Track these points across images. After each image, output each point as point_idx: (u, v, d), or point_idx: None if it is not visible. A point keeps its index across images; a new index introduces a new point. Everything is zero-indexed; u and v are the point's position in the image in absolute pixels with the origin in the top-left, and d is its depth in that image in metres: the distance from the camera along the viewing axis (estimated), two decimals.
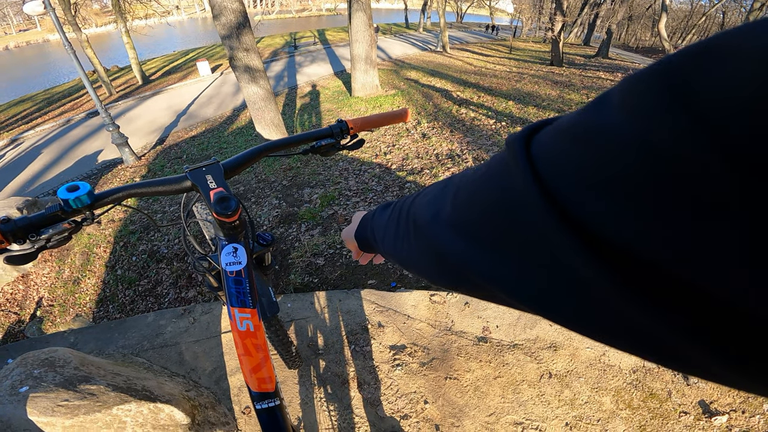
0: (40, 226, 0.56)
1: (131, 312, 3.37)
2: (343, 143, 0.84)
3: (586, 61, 13.54)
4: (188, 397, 1.32)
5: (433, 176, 4.03)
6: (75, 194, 0.57)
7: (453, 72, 11.09)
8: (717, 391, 1.43)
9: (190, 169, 0.67)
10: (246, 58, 4.57)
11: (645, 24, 30.36)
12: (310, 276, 2.75)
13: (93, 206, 0.60)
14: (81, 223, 0.60)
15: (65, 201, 0.56)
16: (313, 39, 20.86)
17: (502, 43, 20.92)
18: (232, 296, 0.60)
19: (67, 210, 0.57)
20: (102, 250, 4.29)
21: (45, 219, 0.57)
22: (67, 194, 0.56)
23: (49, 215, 0.57)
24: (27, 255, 0.57)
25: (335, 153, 0.85)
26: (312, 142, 0.82)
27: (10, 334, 3.73)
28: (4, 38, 57.99)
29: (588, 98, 6.80)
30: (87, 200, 0.58)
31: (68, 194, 0.56)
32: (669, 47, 8.81)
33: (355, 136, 0.86)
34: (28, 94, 16.85)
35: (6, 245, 0.54)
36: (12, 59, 40.09)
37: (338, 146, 0.83)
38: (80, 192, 0.57)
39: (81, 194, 0.57)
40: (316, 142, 0.81)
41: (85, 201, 0.57)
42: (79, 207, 0.57)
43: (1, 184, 7.29)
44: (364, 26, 7.87)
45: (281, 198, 4.07)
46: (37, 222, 0.56)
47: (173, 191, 0.67)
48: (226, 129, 7.93)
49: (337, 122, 0.83)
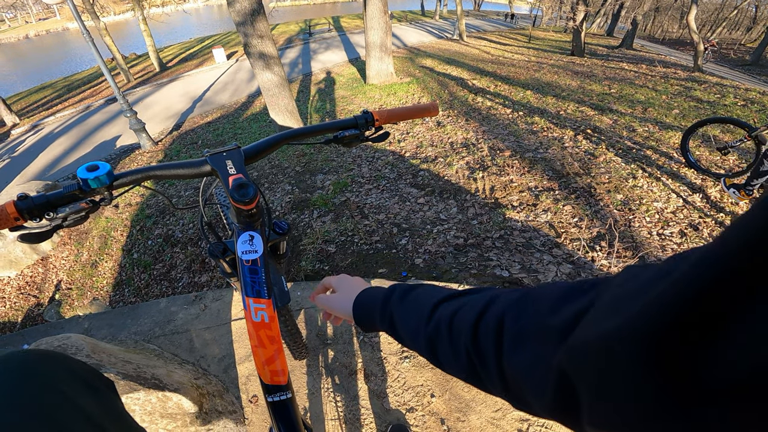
0: (57, 204, 0.56)
1: (146, 296, 3.42)
2: (367, 135, 0.81)
3: (609, 51, 13.08)
4: (197, 385, 1.33)
5: (447, 164, 3.96)
6: (94, 174, 0.56)
7: (469, 60, 10.87)
8: None
9: (210, 154, 0.65)
10: (260, 44, 4.55)
11: (673, 16, 29.23)
12: (320, 263, 2.74)
13: (111, 186, 0.59)
14: (99, 203, 0.60)
15: (84, 180, 0.56)
16: (327, 26, 20.68)
17: (521, 32, 20.39)
18: (247, 285, 0.59)
19: (86, 189, 0.57)
20: (119, 233, 4.37)
21: (62, 198, 0.56)
22: (86, 173, 0.56)
23: (67, 194, 0.57)
24: (42, 233, 0.56)
25: (358, 144, 0.82)
26: (335, 132, 0.79)
27: (29, 317, 3.84)
28: (25, 27, 59.19)
29: (610, 89, 6.58)
30: (106, 180, 0.57)
31: (87, 174, 0.56)
32: (698, 39, 8.44)
33: (380, 128, 0.83)
34: (48, 82, 17.20)
35: (22, 222, 0.54)
36: (32, 48, 40.94)
37: (362, 138, 0.81)
38: (99, 172, 0.57)
39: (100, 174, 0.56)
40: (340, 132, 0.79)
41: (104, 181, 0.57)
42: (97, 187, 0.57)
43: (21, 169, 7.48)
44: (380, 13, 7.75)
45: (294, 184, 4.06)
46: (55, 200, 0.56)
47: (192, 175, 0.66)
48: (241, 115, 7.96)
49: (363, 113, 0.80)
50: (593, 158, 3.79)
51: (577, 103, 5.77)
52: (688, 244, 2.51)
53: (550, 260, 2.44)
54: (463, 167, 3.87)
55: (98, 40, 9.79)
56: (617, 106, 5.48)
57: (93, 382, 0.50)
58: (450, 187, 3.53)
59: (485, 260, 2.50)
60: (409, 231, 2.94)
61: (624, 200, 3.04)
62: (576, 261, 2.43)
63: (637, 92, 6.20)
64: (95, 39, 6.22)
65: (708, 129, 4.00)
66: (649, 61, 10.25)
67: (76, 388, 0.46)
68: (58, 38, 46.47)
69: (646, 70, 8.37)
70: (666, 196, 3.05)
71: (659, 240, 2.59)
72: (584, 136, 4.40)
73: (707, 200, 2.94)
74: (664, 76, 7.50)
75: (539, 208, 3.04)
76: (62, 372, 0.47)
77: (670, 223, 2.74)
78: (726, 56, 18.00)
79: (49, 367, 0.46)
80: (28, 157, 7.97)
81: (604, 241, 2.57)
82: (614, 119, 4.88)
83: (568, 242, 2.62)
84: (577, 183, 3.33)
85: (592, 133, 4.47)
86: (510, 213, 3.00)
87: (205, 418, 1.26)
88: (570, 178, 3.42)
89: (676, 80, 7.07)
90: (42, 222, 0.56)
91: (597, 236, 2.65)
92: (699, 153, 3.63)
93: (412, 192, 3.52)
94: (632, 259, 2.38)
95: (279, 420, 0.57)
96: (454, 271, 2.43)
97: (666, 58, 12.10)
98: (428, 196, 3.42)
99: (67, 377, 0.47)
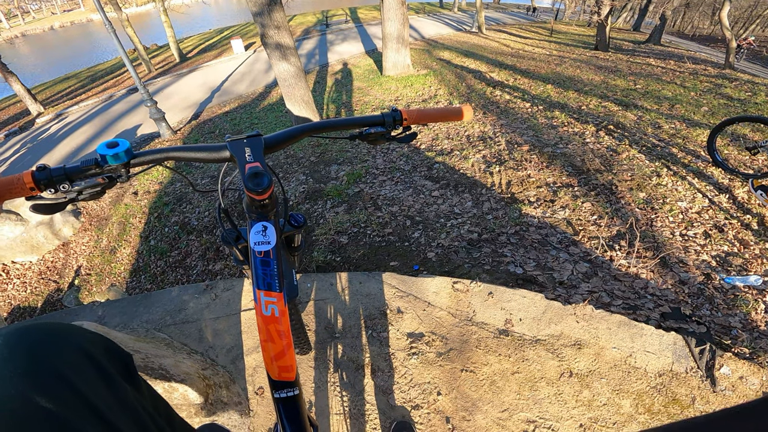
0: (74, 178, 0.57)
1: (162, 283, 3.48)
2: (393, 134, 0.78)
3: (635, 47, 12.64)
4: (203, 376, 1.32)
5: (462, 158, 3.89)
6: (113, 150, 0.57)
7: (488, 53, 10.66)
8: (743, 400, 1.32)
9: (230, 140, 0.64)
10: (277, 35, 4.54)
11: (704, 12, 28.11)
12: (332, 254, 2.73)
13: (129, 164, 0.60)
14: (115, 180, 0.60)
15: (102, 156, 0.57)
16: (344, 17, 20.57)
17: (542, 26, 19.90)
18: (259, 278, 0.57)
19: (103, 165, 0.58)
20: (138, 220, 4.45)
21: (79, 171, 0.57)
22: (105, 150, 0.57)
23: (84, 168, 0.57)
24: (55, 205, 0.57)
25: (383, 143, 0.79)
26: (361, 128, 0.77)
27: (49, 302, 3.96)
28: (50, 18, 60.71)
29: (636, 85, 6.36)
30: (124, 158, 0.58)
31: (107, 150, 0.57)
32: (730, 36, 8.08)
33: (408, 128, 0.79)
34: (72, 72, 17.62)
35: (37, 192, 0.55)
36: (58, 39, 42.00)
37: (388, 136, 0.77)
38: (119, 149, 0.58)
39: (119, 151, 0.57)
40: (365, 128, 0.76)
41: (122, 158, 0.58)
42: (115, 164, 0.58)
43: (43, 155, 7.69)
44: (397, 5, 7.66)
45: (308, 174, 4.06)
46: (72, 173, 0.57)
47: (211, 159, 0.65)
48: (257, 105, 8.00)
49: (391, 111, 0.77)
50: (615, 155, 3.67)
51: (600, 98, 5.60)
52: (712, 246, 2.42)
53: (567, 258, 2.38)
54: (479, 161, 3.80)
55: (120, 32, 9.96)
56: (642, 102, 5.30)
57: (106, 364, 0.45)
58: (465, 180, 3.47)
59: (499, 256, 2.45)
60: (422, 224, 2.90)
61: (647, 199, 2.94)
62: (593, 260, 2.36)
63: (665, 88, 5.99)
64: (117, 30, 6.32)
65: (737, 127, 3.84)
66: (678, 57, 9.87)
67: (84, 375, 0.41)
68: (82, 29, 47.56)
69: (675, 66, 8.07)
70: (691, 195, 2.93)
71: (682, 241, 2.50)
72: (606, 131, 4.26)
73: (734, 201, 2.82)
74: (693, 73, 7.22)
75: (557, 204, 2.96)
76: (70, 353, 0.42)
77: (695, 223, 2.64)
78: (759, 54, 17.23)
79: (53, 349, 0.41)
80: (51, 145, 8.20)
81: (623, 240, 2.49)
82: (639, 115, 4.72)
83: (586, 240, 2.55)
84: (598, 180, 3.23)
85: (615, 129, 4.33)
86: (526, 209, 2.94)
87: (210, 409, 1.26)
88: (590, 175, 3.32)
89: (706, 77, 6.79)
90: (57, 194, 0.56)
91: (617, 235, 2.57)
92: (727, 152, 3.48)
93: (427, 185, 3.47)
94: (653, 259, 2.30)
95: (285, 417, 0.55)
96: (466, 267, 2.39)
97: (696, 54, 11.64)
98: (443, 189, 3.37)
99: (75, 359, 0.42)
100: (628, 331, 1.53)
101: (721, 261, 2.30)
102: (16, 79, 10.28)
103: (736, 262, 2.27)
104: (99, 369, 0.44)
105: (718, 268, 2.26)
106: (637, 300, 2.04)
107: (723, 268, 2.25)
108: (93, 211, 4.98)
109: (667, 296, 2.06)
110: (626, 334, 1.53)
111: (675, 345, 1.49)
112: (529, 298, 1.69)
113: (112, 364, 0.47)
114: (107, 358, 0.47)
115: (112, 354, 0.48)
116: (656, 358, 1.45)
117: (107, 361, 0.46)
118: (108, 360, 0.46)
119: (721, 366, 1.40)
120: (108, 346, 0.49)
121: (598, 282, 2.16)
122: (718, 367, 1.40)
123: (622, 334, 1.53)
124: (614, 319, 1.58)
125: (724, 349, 1.57)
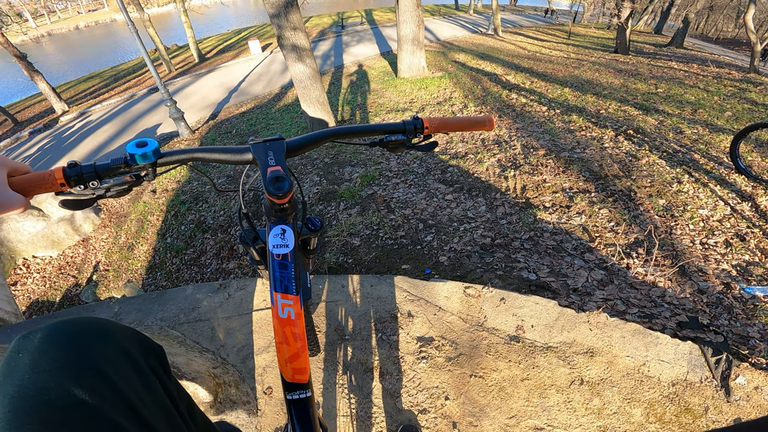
0: (103, 175, 0.59)
1: (177, 280, 3.54)
2: (414, 142, 0.78)
3: (656, 50, 12.34)
4: (214, 374, 1.34)
5: (477, 161, 3.87)
6: (142, 150, 0.59)
7: (504, 56, 10.58)
8: (756, 410, 1.29)
9: (253, 143, 0.65)
10: (293, 37, 4.58)
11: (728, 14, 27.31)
12: (345, 256, 2.74)
13: (156, 164, 0.62)
14: (142, 178, 0.62)
15: (132, 155, 0.59)
16: (360, 19, 20.68)
17: (560, 28, 19.62)
18: (276, 281, 0.58)
19: (131, 164, 0.59)
20: (155, 218, 4.55)
21: (109, 169, 0.59)
22: (135, 149, 0.59)
23: (114, 166, 0.59)
24: (83, 201, 0.59)
25: (403, 150, 0.80)
26: (381, 136, 0.77)
27: (67, 297, 4.06)
28: (75, 18, 62.54)
29: (657, 89, 6.22)
30: (152, 157, 0.60)
31: (136, 149, 0.59)
32: (755, 39, 7.84)
33: (429, 136, 0.79)
34: (96, 71, 18.12)
35: (67, 188, 0.57)
36: (82, 38, 43.23)
37: (408, 144, 0.77)
38: (147, 149, 0.59)
39: (147, 151, 0.59)
40: (386, 136, 0.77)
41: (150, 157, 0.59)
42: (143, 163, 0.59)
43: (67, 153, 7.93)
44: (412, 7, 7.66)
45: (322, 175, 4.09)
46: (101, 171, 0.59)
47: (234, 161, 0.66)
48: (273, 106, 8.10)
49: (413, 119, 0.77)
50: (635, 160, 3.59)
51: (620, 102, 5.50)
52: (732, 255, 2.35)
53: (582, 265, 2.34)
54: (494, 165, 3.77)
55: (142, 32, 10.21)
56: (664, 106, 5.18)
57: (139, 358, 0.47)
58: (479, 184, 3.45)
59: (512, 261, 2.43)
60: (435, 228, 2.90)
61: (666, 206, 2.87)
62: (609, 267, 2.32)
63: (687, 92, 5.84)
64: (139, 30, 6.48)
65: (761, 133, 3.72)
66: (701, 60, 9.62)
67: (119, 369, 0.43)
68: (106, 29, 48.88)
69: (698, 70, 7.86)
70: (713, 203, 2.86)
71: (702, 249, 2.43)
72: (626, 136, 4.18)
73: (756, 209, 2.73)
74: (717, 77, 7.02)
75: (573, 210, 2.92)
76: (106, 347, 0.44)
77: (716, 232, 2.57)
78: None
79: (90, 344, 0.43)
80: (74, 143, 8.44)
81: (641, 247, 2.44)
82: (660, 120, 4.61)
83: (602, 247, 2.50)
84: (616, 186, 3.17)
85: (635, 133, 4.24)
86: (541, 214, 2.90)
87: (219, 407, 1.27)
88: (608, 181, 3.26)
89: (730, 81, 6.60)
90: (86, 190, 0.58)
91: (634, 242, 2.52)
92: (751, 158, 3.37)
93: (440, 188, 3.46)
94: (671, 268, 2.25)
95: (297, 419, 0.56)
96: (479, 271, 2.38)
97: (720, 57, 11.33)
98: (456, 192, 3.36)
99: (111, 353, 0.44)
100: (642, 340, 1.51)
101: (741, 270, 2.24)
102: (41, 78, 10.62)
103: (757, 272, 2.21)
104: (133, 362, 0.46)
105: (738, 277, 2.19)
106: (653, 309, 1.99)
107: (743, 278, 2.18)
108: (113, 208, 5.10)
109: (685, 305, 2.02)
110: (640, 342, 1.50)
111: (690, 354, 1.45)
112: (541, 305, 1.67)
113: (144, 357, 0.49)
114: (140, 351, 0.49)
115: (144, 347, 0.51)
116: (670, 368, 1.42)
117: (140, 355, 0.48)
118: (141, 353, 0.49)
119: (737, 376, 1.36)
120: (140, 339, 0.51)
121: (613, 290, 2.12)
122: (733, 377, 1.36)
123: (637, 342, 1.50)
124: (629, 328, 1.55)
125: (741, 359, 1.52)
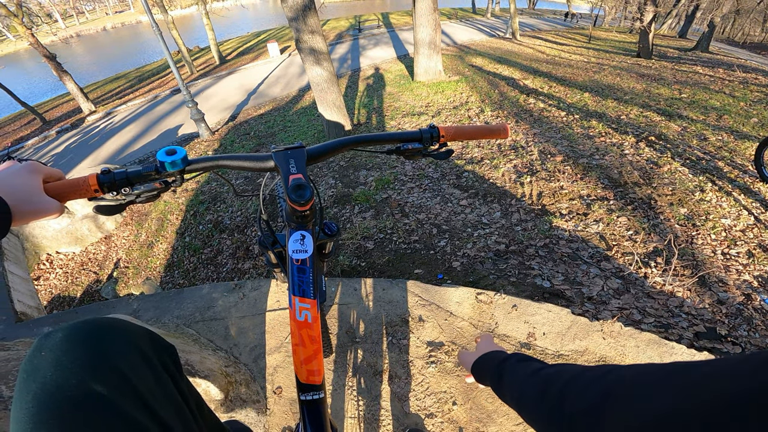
0: (135, 182, 0.62)
1: (193, 278, 3.63)
2: (430, 150, 0.79)
3: (681, 54, 12.00)
4: (226, 373, 1.36)
5: (493, 167, 3.85)
6: (171, 158, 0.61)
7: (522, 60, 10.47)
8: None
9: (275, 150, 0.67)
10: (311, 40, 4.65)
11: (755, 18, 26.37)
12: (358, 259, 2.76)
13: (184, 171, 0.64)
14: (170, 185, 0.64)
15: (162, 163, 0.61)
16: (377, 22, 20.77)
17: (580, 32, 19.31)
18: (295, 285, 0.60)
19: (161, 171, 0.62)
20: (175, 217, 4.66)
21: (140, 176, 0.62)
22: (165, 157, 0.61)
23: (145, 173, 0.62)
24: (116, 206, 0.62)
25: (419, 158, 0.81)
26: (398, 144, 0.79)
27: (87, 293, 4.19)
28: (102, 19, 64.66)
29: (680, 94, 6.06)
30: (180, 165, 0.62)
31: (166, 157, 0.61)
32: None
33: (444, 144, 0.80)
34: (122, 72, 18.70)
35: (100, 194, 0.59)
36: (109, 39, 44.64)
37: (424, 152, 0.79)
38: (176, 156, 0.62)
39: (176, 158, 0.62)
40: (403, 144, 0.78)
41: (178, 165, 0.62)
42: (172, 170, 0.62)
43: (93, 151, 8.20)
44: (429, 10, 7.67)
45: (338, 178, 4.13)
46: (133, 178, 0.61)
47: (257, 168, 0.68)
48: (291, 108, 8.22)
49: (429, 127, 0.79)
50: (656, 168, 3.52)
51: (641, 108, 5.39)
52: (755, 266, 2.28)
53: (597, 273, 2.30)
54: (510, 170, 3.75)
55: (166, 34, 10.47)
56: (687, 112, 5.05)
57: (152, 356, 0.51)
58: (495, 190, 3.43)
59: (526, 268, 2.41)
60: (448, 233, 2.90)
61: (688, 215, 2.81)
62: (626, 276, 2.28)
63: (712, 98, 5.68)
64: (163, 32, 6.66)
65: None
66: (727, 65, 9.33)
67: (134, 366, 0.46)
68: (132, 30, 50.37)
69: (723, 75, 7.63)
70: (736, 212, 2.78)
71: (723, 260, 2.37)
72: (647, 143, 4.10)
73: None
74: (744, 82, 6.81)
75: (590, 218, 2.88)
76: (122, 346, 0.47)
77: (738, 242, 2.50)
78: None
79: (108, 343, 0.46)
80: (100, 141, 8.73)
81: (660, 257, 2.38)
82: (683, 126, 4.50)
83: (620, 256, 2.46)
84: (636, 193, 3.11)
85: (657, 140, 4.15)
86: (557, 221, 2.87)
87: (229, 405, 1.30)
88: (628, 188, 3.20)
89: (757, 86, 6.39)
90: (118, 196, 0.61)
91: (653, 252, 2.47)
92: None
93: (455, 193, 3.46)
94: (690, 278, 2.20)
95: (309, 419, 0.58)
96: (492, 278, 2.37)
97: (746, 62, 10.97)
98: (471, 198, 3.35)
99: (127, 352, 0.47)
100: (657, 350, 1.47)
101: (763, 281, 2.17)
102: (69, 78, 11.01)
103: None
104: (146, 360, 0.49)
105: (760, 288, 2.13)
106: (670, 318, 1.95)
107: (765, 289, 2.12)
108: (134, 207, 5.26)
109: (703, 315, 1.97)
110: (655, 352, 1.47)
111: None
112: (554, 313, 1.65)
113: (157, 355, 0.52)
114: (153, 350, 0.52)
115: (157, 346, 0.54)
116: None
117: (153, 353, 0.51)
118: (154, 352, 0.52)
119: None
120: (153, 338, 0.54)
121: (629, 299, 2.09)
122: None
123: (651, 352, 1.47)
124: (644, 337, 1.52)
125: None
